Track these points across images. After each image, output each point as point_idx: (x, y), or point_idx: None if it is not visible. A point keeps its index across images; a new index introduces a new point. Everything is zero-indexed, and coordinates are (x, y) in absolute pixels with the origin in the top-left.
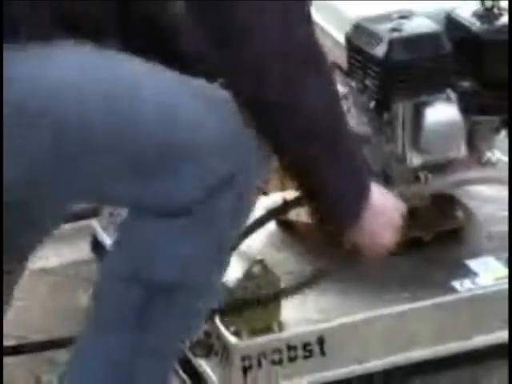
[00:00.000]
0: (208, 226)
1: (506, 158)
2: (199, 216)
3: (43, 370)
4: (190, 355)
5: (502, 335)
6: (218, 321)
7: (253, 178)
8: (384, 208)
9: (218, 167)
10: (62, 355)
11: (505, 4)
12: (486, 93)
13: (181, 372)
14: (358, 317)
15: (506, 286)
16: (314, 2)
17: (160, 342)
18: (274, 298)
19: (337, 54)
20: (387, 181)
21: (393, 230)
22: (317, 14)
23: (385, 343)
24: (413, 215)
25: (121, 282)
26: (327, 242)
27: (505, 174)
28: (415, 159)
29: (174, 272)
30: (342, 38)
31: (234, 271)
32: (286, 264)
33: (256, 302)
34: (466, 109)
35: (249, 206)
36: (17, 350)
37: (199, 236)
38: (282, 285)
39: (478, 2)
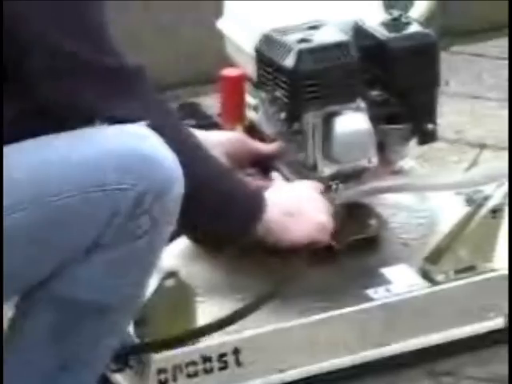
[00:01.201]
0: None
1: (418, 166)
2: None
3: None
4: (106, 370)
5: (416, 342)
6: (133, 334)
7: (165, 200)
8: (297, 205)
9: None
10: None
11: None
12: (395, 101)
13: None
14: (273, 327)
15: (419, 293)
16: (224, 13)
17: (80, 362)
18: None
19: (247, 66)
20: None
21: (312, 224)
22: (227, 26)
23: (301, 353)
24: None
25: (39, 302)
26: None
27: (418, 181)
28: (326, 169)
29: (93, 295)
30: (251, 50)
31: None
32: (200, 276)
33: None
34: (376, 118)
35: (165, 229)
36: None
37: (120, 262)
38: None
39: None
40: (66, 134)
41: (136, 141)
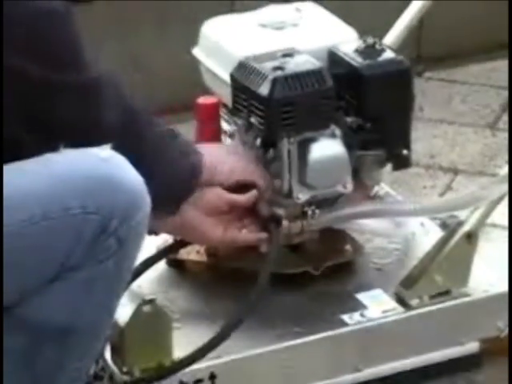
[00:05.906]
0: (93, 275)
1: (392, 191)
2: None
3: None
4: None
5: (390, 367)
6: (109, 361)
7: (131, 221)
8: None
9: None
10: None
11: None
12: (370, 128)
13: None
14: (249, 353)
15: (394, 318)
16: (200, 41)
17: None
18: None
19: (223, 93)
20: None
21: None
22: (202, 54)
23: (276, 378)
24: (301, 250)
25: (7, 328)
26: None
27: (392, 207)
28: (302, 195)
29: (61, 318)
30: (227, 77)
31: (124, 311)
32: (177, 302)
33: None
34: (350, 144)
35: (133, 250)
36: None
37: (87, 283)
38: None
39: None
40: (28, 160)
41: (98, 164)
